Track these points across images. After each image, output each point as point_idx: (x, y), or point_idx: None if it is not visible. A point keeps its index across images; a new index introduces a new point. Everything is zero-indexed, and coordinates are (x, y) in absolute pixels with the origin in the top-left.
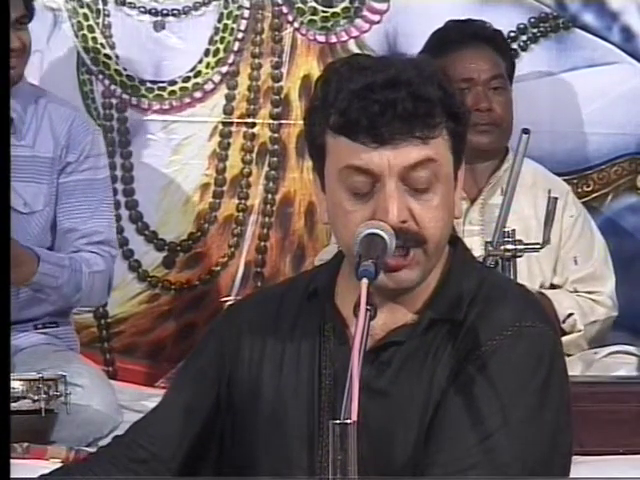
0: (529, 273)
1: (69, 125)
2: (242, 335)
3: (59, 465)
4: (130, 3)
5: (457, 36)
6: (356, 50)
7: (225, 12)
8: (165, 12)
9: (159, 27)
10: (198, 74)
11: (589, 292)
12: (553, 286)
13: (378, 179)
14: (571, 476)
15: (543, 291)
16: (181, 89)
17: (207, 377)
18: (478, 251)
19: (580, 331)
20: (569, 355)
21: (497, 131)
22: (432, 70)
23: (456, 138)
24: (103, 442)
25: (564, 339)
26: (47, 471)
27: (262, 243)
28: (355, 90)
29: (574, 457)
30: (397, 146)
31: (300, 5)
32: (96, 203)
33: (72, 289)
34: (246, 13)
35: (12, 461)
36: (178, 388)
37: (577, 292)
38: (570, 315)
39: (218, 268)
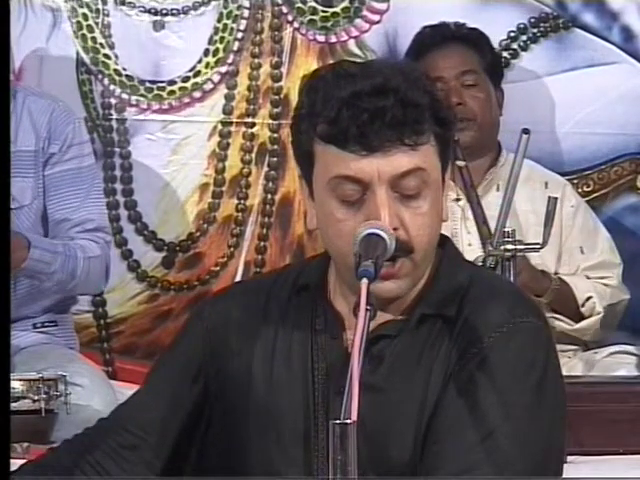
0: None
1: (49, 116)
2: (229, 325)
3: (45, 452)
4: (129, 3)
5: (430, 39)
6: (356, 50)
7: (225, 12)
8: (164, 12)
9: (158, 27)
10: (197, 74)
11: (600, 277)
12: (564, 276)
13: (368, 187)
14: (571, 476)
15: (561, 276)
16: (180, 89)
17: (193, 365)
18: (475, 248)
19: (599, 313)
20: (583, 341)
21: (473, 126)
22: (418, 75)
23: (443, 144)
24: None
25: (584, 323)
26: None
27: (261, 243)
28: (343, 98)
29: (574, 457)
30: (386, 153)
31: (300, 5)
32: (85, 191)
33: (67, 275)
34: (246, 13)
35: (12, 461)
36: (163, 374)
37: (589, 278)
38: (589, 298)
39: (217, 268)
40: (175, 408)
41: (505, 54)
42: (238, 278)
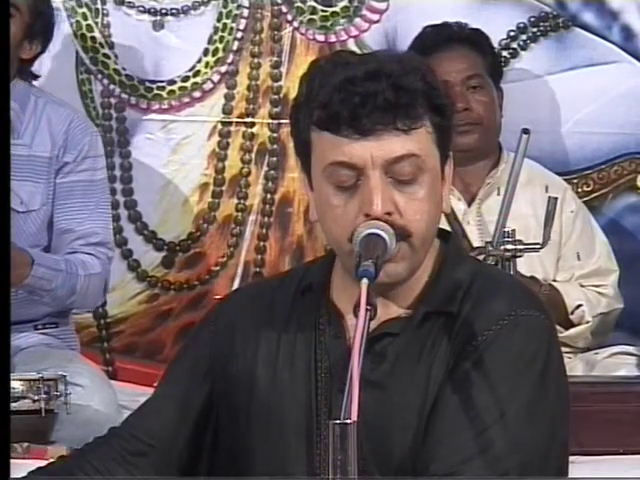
0: (530, 270)
1: (67, 125)
2: (235, 328)
3: (55, 459)
4: (129, 2)
5: (432, 41)
6: (356, 49)
7: (224, 11)
8: (164, 11)
9: (158, 26)
10: (197, 74)
11: (595, 285)
12: (556, 282)
13: (362, 172)
14: (571, 476)
15: (552, 283)
16: (180, 89)
17: (201, 369)
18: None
19: (588, 322)
20: (576, 347)
21: (479, 130)
22: (415, 63)
23: (440, 132)
24: None
25: (572, 331)
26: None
27: (261, 243)
28: (336, 83)
29: (574, 457)
30: (379, 137)
31: (299, 4)
32: (93, 204)
33: (66, 292)
34: (245, 12)
35: (12, 461)
36: (172, 380)
37: (583, 286)
38: (579, 306)
39: (217, 268)
40: (184, 413)
41: (505, 53)
42: (238, 278)
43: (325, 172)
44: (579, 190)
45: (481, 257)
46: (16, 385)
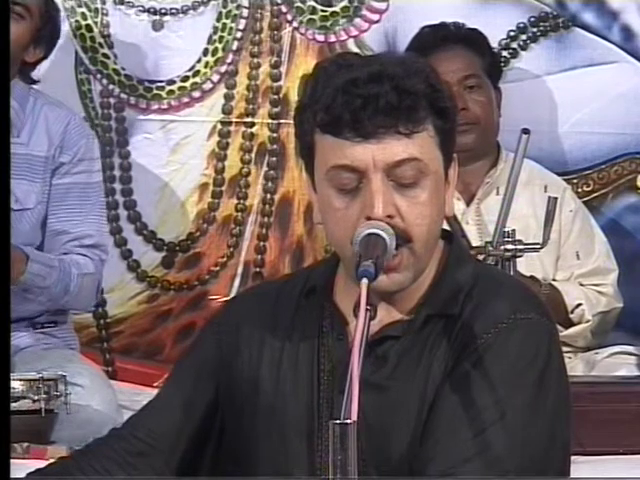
0: (530, 270)
1: (65, 126)
2: (240, 330)
3: (55, 460)
4: (128, 2)
5: (429, 41)
6: (356, 50)
7: (224, 11)
8: (164, 11)
9: (158, 26)
10: (197, 73)
11: (594, 284)
12: (555, 282)
13: (364, 175)
14: (571, 476)
15: (552, 282)
16: (179, 88)
17: (206, 371)
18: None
19: (588, 321)
20: (576, 347)
21: (477, 129)
22: (419, 65)
23: (443, 135)
24: None
25: (572, 330)
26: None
27: (261, 243)
28: (339, 86)
29: (574, 457)
30: (381, 140)
31: (299, 4)
32: (88, 207)
33: (61, 290)
34: (245, 12)
35: (12, 461)
36: (177, 381)
37: (582, 285)
38: (579, 305)
39: (217, 268)
40: (188, 413)
41: (505, 53)
42: (238, 278)
43: (327, 175)
44: (579, 190)
45: (481, 257)
46: (16, 385)
